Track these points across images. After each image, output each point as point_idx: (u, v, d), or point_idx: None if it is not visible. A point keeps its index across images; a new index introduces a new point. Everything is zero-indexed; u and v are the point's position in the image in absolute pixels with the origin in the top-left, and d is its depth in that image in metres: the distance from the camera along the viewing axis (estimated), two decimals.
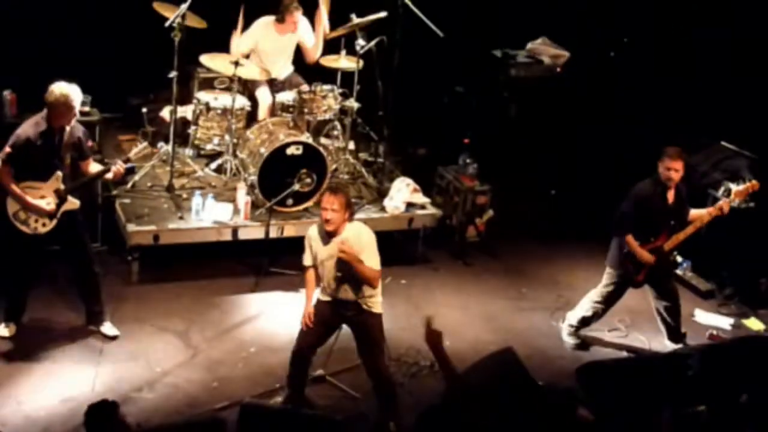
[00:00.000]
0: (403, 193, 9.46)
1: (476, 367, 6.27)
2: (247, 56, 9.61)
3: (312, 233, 6.70)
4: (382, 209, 9.44)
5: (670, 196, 8.11)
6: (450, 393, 5.61)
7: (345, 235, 6.57)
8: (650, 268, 8.12)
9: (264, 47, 9.67)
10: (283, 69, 9.95)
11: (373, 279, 6.51)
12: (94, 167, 7.54)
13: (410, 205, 9.46)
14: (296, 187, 8.85)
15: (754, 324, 9.12)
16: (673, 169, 7.93)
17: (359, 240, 6.54)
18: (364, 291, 6.61)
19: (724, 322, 9.06)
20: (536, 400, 5.81)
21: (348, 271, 6.45)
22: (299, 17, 9.54)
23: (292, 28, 9.58)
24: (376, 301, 6.70)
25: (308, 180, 8.96)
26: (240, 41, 9.46)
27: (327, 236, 6.53)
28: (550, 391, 6.45)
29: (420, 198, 9.57)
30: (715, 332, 8.83)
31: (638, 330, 8.81)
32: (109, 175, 7.46)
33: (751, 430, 6.04)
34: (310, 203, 9.09)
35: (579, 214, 10.23)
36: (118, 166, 7.39)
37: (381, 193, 9.68)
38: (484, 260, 6.82)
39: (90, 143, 7.45)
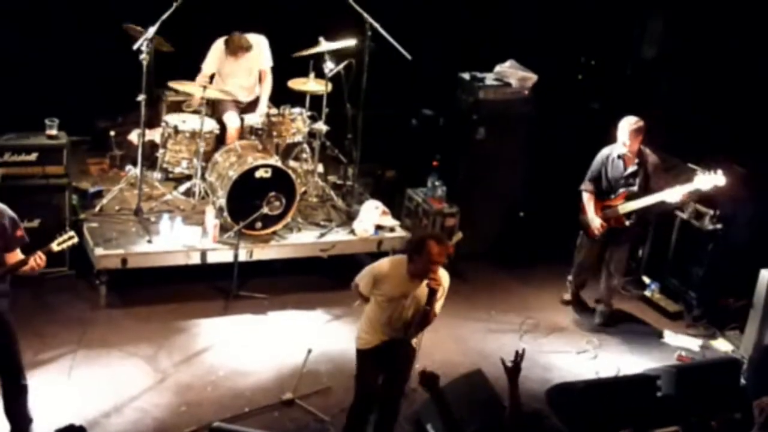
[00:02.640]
0: (372, 215, 9.48)
1: (446, 390, 6.27)
2: (211, 79, 9.67)
3: (386, 271, 6.50)
4: (352, 232, 9.46)
5: (629, 161, 8.73)
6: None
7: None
8: (607, 231, 8.82)
9: (223, 70, 9.72)
10: (246, 91, 9.90)
11: (432, 321, 6.51)
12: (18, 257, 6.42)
13: (379, 228, 9.50)
14: (265, 210, 8.87)
15: (722, 345, 9.18)
16: (621, 142, 8.69)
17: (444, 281, 6.50)
18: (413, 329, 6.61)
19: (693, 344, 9.13)
20: (504, 421, 5.87)
21: (426, 310, 6.38)
22: (246, 52, 9.65)
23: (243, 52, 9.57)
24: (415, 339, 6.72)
25: (277, 203, 8.97)
26: (204, 64, 9.61)
27: (413, 277, 6.40)
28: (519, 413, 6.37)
29: (389, 221, 9.58)
30: (683, 353, 8.90)
31: (607, 351, 8.94)
32: (26, 267, 6.35)
33: None
34: (278, 226, 9.09)
35: (548, 237, 10.21)
36: (37, 258, 6.32)
37: (350, 216, 9.69)
38: (453, 282, 6.62)
39: (19, 232, 6.41)
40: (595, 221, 8.90)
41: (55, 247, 6.38)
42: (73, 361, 7.74)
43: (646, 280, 9.93)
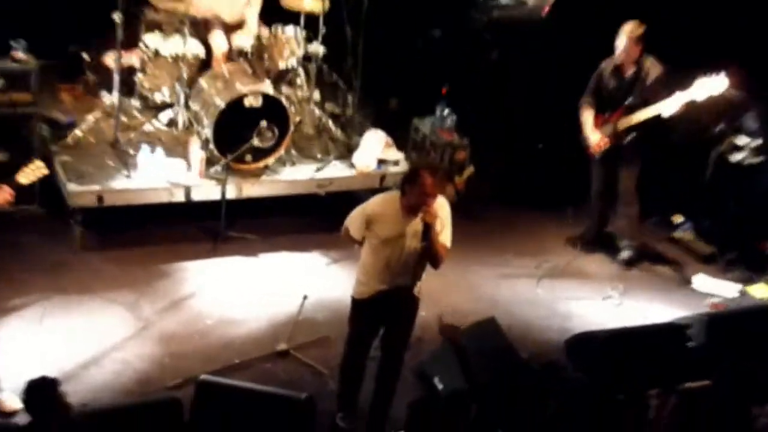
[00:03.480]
0: (374, 148, 9.43)
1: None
2: None
3: (378, 210, 6.45)
4: (351, 166, 9.43)
5: (626, 72, 8.78)
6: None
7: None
8: (611, 151, 8.88)
9: None
10: (234, 10, 9.63)
11: (443, 257, 6.43)
12: None
13: (382, 162, 9.44)
14: (255, 142, 8.77)
15: (759, 291, 9.12)
16: (619, 51, 8.66)
17: (441, 212, 6.45)
18: (420, 274, 6.57)
19: (727, 289, 9.11)
20: (518, 372, 6.27)
21: (425, 247, 6.33)
22: None
23: None
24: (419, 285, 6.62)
25: (269, 134, 8.89)
26: None
27: (408, 213, 6.36)
28: (532, 365, 6.74)
29: (393, 154, 9.54)
30: (716, 300, 8.89)
31: (633, 298, 8.97)
32: None
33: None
34: (270, 160, 9.03)
35: (569, 171, 10.00)
36: (4, 193, 6.31)
37: (350, 149, 9.62)
38: (464, 223, 6.61)
39: None
40: (593, 137, 8.92)
41: (21, 179, 6.30)
42: (46, 308, 7.71)
43: (677, 219, 9.97)
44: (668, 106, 8.48)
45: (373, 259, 6.46)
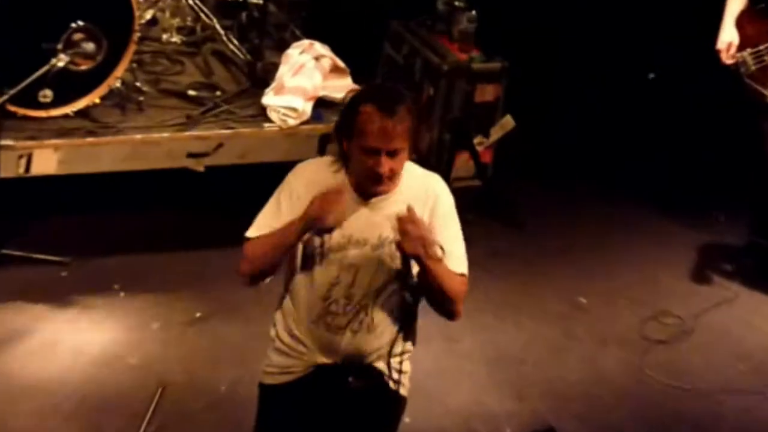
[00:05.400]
0: (307, 76, 7.84)
1: None
2: None
3: (313, 188, 5.11)
4: (261, 115, 7.77)
5: None
6: None
7: (403, 194, 5.04)
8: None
9: None
10: None
11: (457, 294, 5.03)
12: None
13: (323, 104, 7.88)
14: (62, 62, 7.39)
15: None
16: None
17: (435, 204, 5.11)
18: (400, 336, 5.21)
19: None
20: None
21: (404, 279, 5.12)
22: None
23: None
24: (408, 363, 5.40)
25: (88, 46, 7.51)
26: None
27: (362, 196, 5.07)
28: None
29: (346, 85, 7.95)
30: None
31: None
32: None
33: None
34: (90, 100, 7.61)
35: (713, 134, 9.48)
36: None
37: (257, 78, 8.11)
38: (495, 229, 7.01)
39: None
40: (727, 33, 8.15)
41: None
42: None
43: None
44: None
45: (302, 295, 5.21)
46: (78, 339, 7.32)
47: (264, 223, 5.04)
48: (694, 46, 9.00)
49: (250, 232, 5.00)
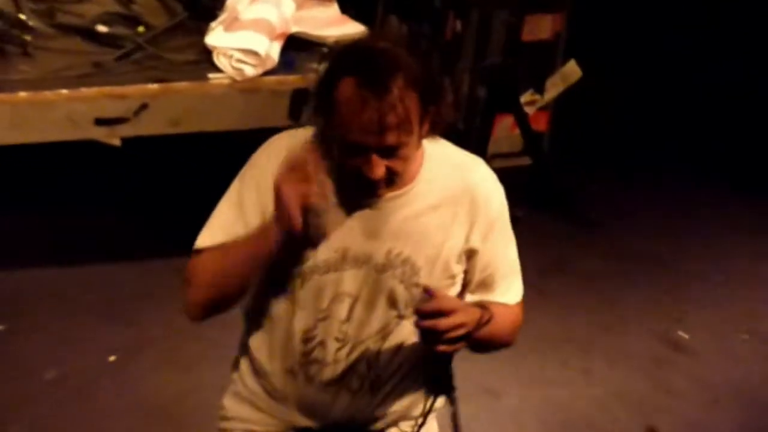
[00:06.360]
0: (272, 1, 6.39)
1: None
2: None
3: (280, 161, 3.77)
4: (205, 61, 6.21)
5: None
6: None
7: (424, 186, 3.77)
8: None
9: None
10: None
11: (515, 333, 3.96)
12: None
13: (296, 45, 6.45)
14: None
15: None
16: None
17: (476, 208, 3.84)
18: (421, 393, 4.00)
19: None
20: None
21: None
22: None
23: None
24: (434, 426, 4.19)
25: None
26: None
27: (362, 192, 3.84)
28: None
29: (331, 16, 6.79)
30: None
31: None
32: None
33: None
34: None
35: None
36: None
37: (197, 5, 6.65)
38: (554, 231, 6.30)
39: None
40: None
41: None
42: None
43: None
44: None
45: (274, 330, 4.07)
46: None
47: (220, 228, 3.94)
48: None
49: (201, 241, 3.93)
